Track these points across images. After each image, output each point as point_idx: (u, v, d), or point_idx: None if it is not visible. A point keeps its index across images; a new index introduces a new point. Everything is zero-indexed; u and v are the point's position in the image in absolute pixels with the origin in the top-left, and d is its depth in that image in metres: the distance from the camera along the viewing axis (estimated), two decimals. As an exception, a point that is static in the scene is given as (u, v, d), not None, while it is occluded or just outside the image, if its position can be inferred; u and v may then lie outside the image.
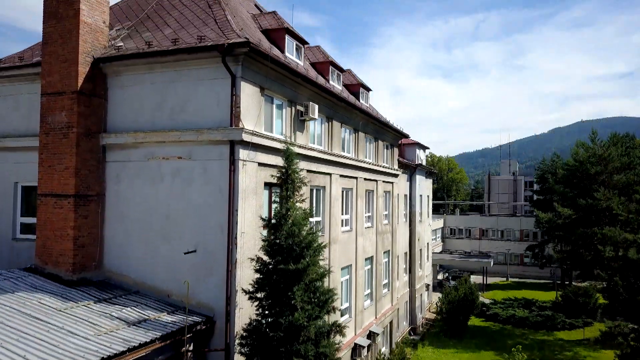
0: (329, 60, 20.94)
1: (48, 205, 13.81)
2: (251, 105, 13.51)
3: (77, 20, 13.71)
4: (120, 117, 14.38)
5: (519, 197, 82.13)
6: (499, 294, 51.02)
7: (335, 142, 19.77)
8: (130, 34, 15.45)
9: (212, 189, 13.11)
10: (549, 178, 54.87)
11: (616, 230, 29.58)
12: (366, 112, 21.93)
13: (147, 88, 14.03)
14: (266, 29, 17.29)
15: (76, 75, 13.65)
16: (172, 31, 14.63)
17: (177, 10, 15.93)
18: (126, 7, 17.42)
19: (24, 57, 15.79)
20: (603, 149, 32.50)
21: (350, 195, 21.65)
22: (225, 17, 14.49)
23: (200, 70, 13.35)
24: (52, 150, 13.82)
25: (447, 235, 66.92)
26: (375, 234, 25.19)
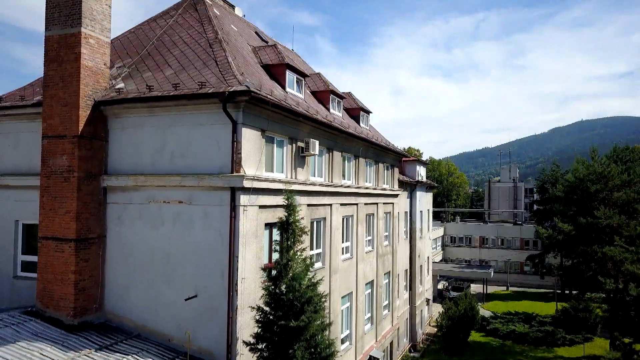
0: (329, 90, 20.96)
1: (49, 249, 13.83)
2: (252, 150, 13.53)
3: (78, 64, 13.73)
4: (121, 158, 14.40)
5: (519, 203, 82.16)
6: (499, 305, 51.06)
7: (336, 172, 19.79)
8: (131, 72, 15.46)
9: (212, 235, 13.13)
10: (549, 188, 54.95)
11: (616, 249, 29.60)
12: (367, 139, 21.93)
13: (147, 131, 14.05)
14: (267, 64, 17.31)
15: (77, 120, 13.67)
16: (173, 72, 14.65)
17: (177, 48, 15.94)
18: (127, 42, 17.42)
19: (25, 96, 15.80)
20: (603, 166, 32.49)
21: (350, 222, 21.67)
22: (225, 58, 14.50)
23: (201, 115, 13.37)
24: (53, 194, 13.84)
25: (447, 244, 66.93)
26: (376, 257, 25.21)
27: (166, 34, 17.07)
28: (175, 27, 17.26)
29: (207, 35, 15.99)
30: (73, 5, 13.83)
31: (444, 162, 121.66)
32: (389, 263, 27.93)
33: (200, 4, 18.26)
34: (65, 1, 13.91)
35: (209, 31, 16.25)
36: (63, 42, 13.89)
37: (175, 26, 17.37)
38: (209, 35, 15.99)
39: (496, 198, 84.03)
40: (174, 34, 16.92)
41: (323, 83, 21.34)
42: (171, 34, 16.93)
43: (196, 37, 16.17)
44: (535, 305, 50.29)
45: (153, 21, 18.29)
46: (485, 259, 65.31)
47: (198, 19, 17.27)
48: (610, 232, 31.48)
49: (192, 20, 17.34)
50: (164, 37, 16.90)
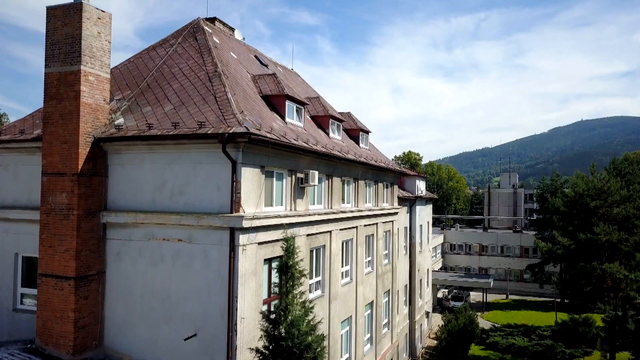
0: (328, 115, 20.98)
1: (49, 286, 13.85)
2: (252, 188, 13.55)
3: (78, 102, 13.74)
4: (120, 194, 14.41)
5: (519, 209, 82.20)
6: (499, 315, 51.13)
7: (336, 197, 19.80)
8: (130, 106, 15.48)
9: (212, 274, 13.15)
10: (548, 197, 54.99)
11: (615, 266, 29.65)
12: (366, 162, 21.95)
13: (147, 167, 14.07)
14: (267, 95, 17.33)
15: (77, 158, 13.69)
16: (172, 108, 14.66)
17: (177, 81, 15.95)
18: (126, 72, 17.43)
19: (25, 129, 15.81)
20: (602, 182, 32.52)
21: (350, 245, 21.69)
22: (225, 94, 14.51)
23: (201, 154, 13.39)
24: (53, 231, 13.86)
25: (446, 251, 66.96)
26: (376, 277, 25.24)
27: (166, 64, 17.09)
28: (175, 58, 17.28)
29: (207, 68, 16.01)
30: (72, 43, 13.85)
31: (444, 166, 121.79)
32: (389, 281, 27.96)
33: (200, 32, 18.28)
34: (65, 39, 13.92)
35: (208, 63, 16.26)
36: (62, 80, 13.91)
37: (174, 56, 17.38)
38: (209, 68, 16.00)
39: (496, 204, 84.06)
40: (174, 64, 16.94)
41: (322, 108, 21.36)
42: (171, 65, 16.95)
43: (196, 70, 16.18)
44: (535, 315, 50.37)
45: (153, 50, 18.30)
46: (485, 267, 65.36)
47: (197, 49, 17.28)
48: (609, 248, 31.51)
49: (192, 51, 17.35)
50: (163, 68, 16.91)
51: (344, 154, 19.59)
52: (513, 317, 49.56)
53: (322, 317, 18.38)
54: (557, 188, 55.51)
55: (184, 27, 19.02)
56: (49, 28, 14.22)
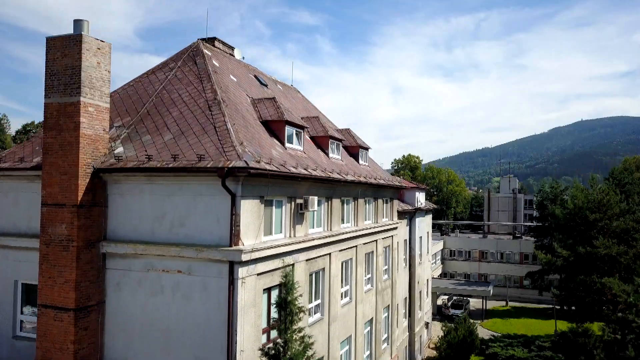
0: (328, 135, 21.01)
1: (48, 317, 13.87)
2: (251, 220, 13.57)
3: (78, 133, 13.76)
4: (120, 225, 14.43)
5: (519, 215, 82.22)
6: (498, 323, 51.16)
7: (335, 219, 19.82)
8: (130, 134, 15.49)
9: (211, 306, 13.17)
10: (548, 205, 55.02)
11: (615, 280, 29.68)
12: (366, 182, 21.97)
13: (147, 198, 14.08)
14: (266, 120, 17.35)
15: (76, 189, 13.70)
16: (172, 137, 14.68)
17: (176, 108, 15.97)
18: (126, 97, 17.45)
19: (25, 157, 15.83)
20: (602, 194, 32.55)
21: (349, 265, 21.72)
22: (224, 124, 14.53)
23: (201, 186, 13.41)
24: (52, 262, 13.87)
25: (446, 257, 67.01)
26: (375, 294, 25.26)
27: (165, 90, 17.11)
28: (175, 83, 17.29)
29: (207, 95, 16.03)
30: (72, 74, 13.86)
31: (444, 169, 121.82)
32: (388, 297, 27.98)
33: (200, 56, 18.30)
34: (64, 70, 13.94)
35: (208, 90, 16.28)
36: (62, 111, 13.93)
37: (174, 81, 17.40)
38: (208, 95, 16.02)
39: (496, 209, 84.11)
40: (173, 90, 16.95)
41: (322, 128, 21.38)
42: (170, 91, 16.96)
43: (195, 96, 16.19)
44: (535, 324, 50.38)
45: (152, 74, 18.31)
46: (485, 273, 65.41)
47: (197, 75, 17.30)
48: (609, 261, 31.55)
49: (191, 76, 17.37)
50: (163, 94, 16.92)
51: (344, 176, 19.60)
52: (513, 326, 49.61)
53: (322, 340, 18.45)
54: (556, 195, 55.53)
55: (183, 50, 19.04)
56: (48, 58, 14.24)
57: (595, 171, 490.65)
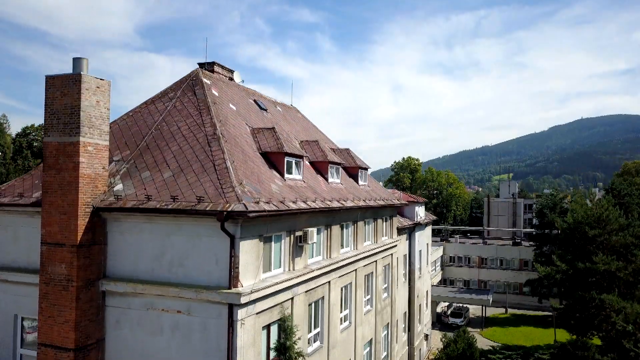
0: (327, 161, 21.04)
1: (48, 356, 13.90)
2: (250, 260, 13.60)
3: (77, 173, 13.78)
4: (120, 262, 14.45)
5: (518, 219, 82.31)
6: (498, 331, 51.22)
7: (334, 245, 19.85)
8: (129, 169, 15.50)
9: (211, 346, 13.20)
10: (547, 213, 55.08)
11: (614, 297, 29.73)
12: (366, 206, 22.00)
13: (146, 237, 14.10)
14: (265, 152, 17.37)
15: (76, 229, 13.73)
16: (171, 175, 14.69)
17: (176, 143, 15.97)
18: (125, 128, 17.46)
19: (24, 191, 15.84)
20: (601, 209, 32.58)
21: (349, 289, 21.75)
22: (224, 161, 14.54)
23: (199, 227, 13.43)
24: (52, 301, 13.90)
25: (446, 263, 67.06)
26: (375, 314, 25.31)
27: (164, 121, 17.11)
28: (174, 114, 17.30)
29: (206, 129, 16.04)
30: (71, 114, 13.87)
31: (444, 172, 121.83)
32: (388, 315, 28.03)
33: (199, 86, 18.30)
34: (64, 109, 13.95)
35: (207, 123, 16.29)
36: (62, 150, 13.94)
37: (173, 112, 17.40)
38: (208, 129, 16.03)
39: (495, 214, 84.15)
40: (172, 122, 16.96)
41: (321, 153, 21.39)
42: (169, 123, 16.97)
43: (194, 130, 16.20)
44: (534, 332, 50.49)
45: (152, 104, 18.31)
46: (485, 279, 65.48)
47: (196, 106, 17.30)
48: (608, 277, 31.59)
49: (191, 107, 17.38)
50: (162, 126, 16.93)
51: (343, 203, 19.63)
52: (512, 335, 49.71)
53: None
54: (555, 203, 55.60)
55: (183, 79, 19.03)
56: (47, 97, 14.25)
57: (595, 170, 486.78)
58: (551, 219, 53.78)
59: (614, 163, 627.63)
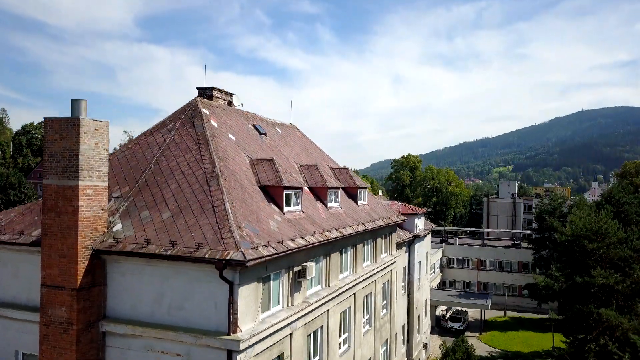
0: (326, 187, 21.07)
1: (49, 397, 14.03)
2: (249, 303, 13.68)
3: (76, 217, 13.82)
4: (120, 304, 14.53)
5: (518, 220, 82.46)
6: (497, 336, 51.52)
7: (333, 273, 19.93)
8: (128, 208, 15.54)
9: (210, 391, 13.32)
10: (546, 217, 55.20)
11: (612, 312, 29.89)
12: (365, 230, 22.06)
13: (146, 279, 14.17)
14: (264, 186, 17.40)
15: (75, 273, 13.80)
16: (170, 216, 14.73)
17: (175, 179, 16.00)
18: (125, 162, 17.48)
19: (24, 228, 15.87)
20: (600, 222, 32.64)
21: (348, 314, 21.87)
22: (222, 203, 14.57)
23: (198, 273, 13.49)
24: (53, 344, 14.01)
25: (445, 265, 67.29)
26: (374, 333, 25.46)
27: (163, 156, 17.13)
28: (173, 148, 17.31)
29: (205, 166, 16.06)
30: (70, 157, 13.89)
31: (443, 170, 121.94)
32: (387, 331, 28.19)
33: (198, 117, 18.30)
34: (63, 152, 13.97)
35: (206, 160, 16.31)
36: (61, 193, 13.98)
37: (172, 146, 17.41)
38: (206, 166, 16.06)
39: (495, 214, 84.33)
40: (171, 156, 16.98)
41: (320, 178, 21.42)
42: (168, 157, 16.99)
43: (193, 167, 16.22)
44: (533, 337, 50.77)
45: (151, 135, 18.32)
46: (484, 281, 65.76)
47: (195, 140, 17.31)
48: (606, 291, 31.74)
49: (190, 141, 17.38)
50: (161, 161, 16.95)
51: (342, 231, 19.69)
52: (511, 340, 50.03)
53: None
54: (555, 208, 55.70)
55: (182, 109, 19.03)
56: (46, 139, 14.27)
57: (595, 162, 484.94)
58: (550, 223, 53.94)
59: (615, 155, 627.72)
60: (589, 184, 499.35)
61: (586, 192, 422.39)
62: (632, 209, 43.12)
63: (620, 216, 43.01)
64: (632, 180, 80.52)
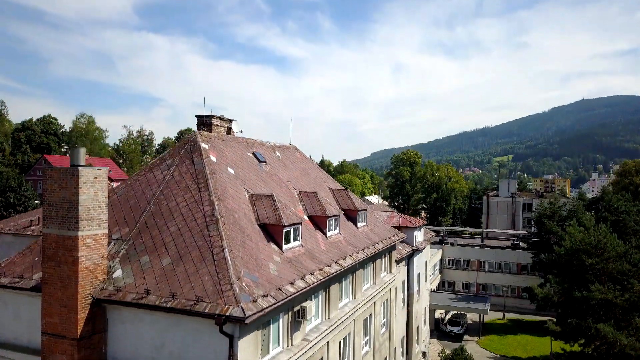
0: (325, 216, 21.08)
1: None
2: (250, 354, 13.74)
3: (76, 268, 13.87)
4: (121, 350, 14.59)
5: (517, 219, 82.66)
6: (495, 340, 51.87)
7: (333, 304, 19.99)
8: (128, 251, 15.56)
9: None
10: (545, 222, 55.31)
11: (609, 328, 30.10)
12: (365, 258, 22.12)
13: (146, 328, 14.23)
14: (264, 224, 17.42)
15: (76, 322, 13.87)
16: (170, 263, 14.75)
17: (174, 222, 16.00)
18: (124, 199, 17.48)
19: (24, 271, 15.93)
20: (599, 237, 32.72)
21: (347, 340, 21.99)
22: (222, 250, 14.58)
23: (198, 324, 13.55)
24: (54, 392, 14.12)
25: (445, 266, 67.55)
26: (373, 354, 25.62)
27: (163, 194, 17.12)
28: (172, 186, 17.30)
29: (204, 209, 16.06)
30: (70, 207, 13.90)
31: (443, 166, 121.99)
32: (386, 349, 28.38)
33: (197, 153, 18.26)
34: (62, 202, 13.97)
35: (205, 201, 16.31)
36: (61, 243, 14.01)
37: (172, 184, 17.40)
38: (206, 208, 16.06)
39: (494, 212, 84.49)
40: (171, 196, 16.98)
41: (320, 207, 21.43)
42: (168, 196, 16.99)
43: (193, 209, 16.22)
44: (531, 342, 51.11)
45: (150, 171, 18.30)
46: (483, 283, 66.07)
47: (194, 178, 17.30)
48: (604, 305, 31.91)
49: (189, 179, 17.37)
50: (160, 200, 16.94)
51: (342, 263, 19.74)
52: (509, 345, 50.38)
53: None
54: (554, 212, 55.79)
55: (181, 143, 19.01)
56: (45, 188, 14.26)
57: (595, 152, 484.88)
58: (549, 227, 54.09)
59: (615, 145, 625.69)
60: (589, 174, 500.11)
61: (586, 182, 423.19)
62: (631, 217, 43.21)
63: (618, 225, 43.14)
64: (631, 180, 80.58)
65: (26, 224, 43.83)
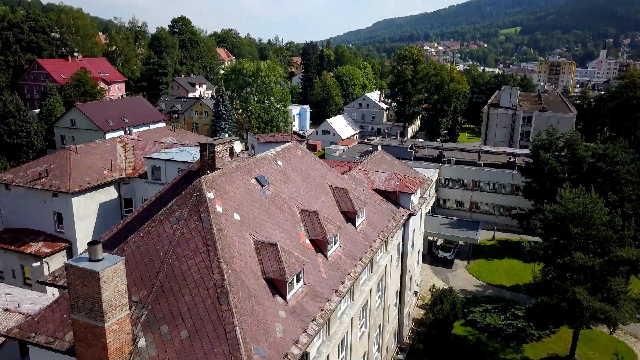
0: (325, 240, 22.44)
1: None
2: (260, 418, 16.15)
3: (106, 351, 15.66)
4: (149, 406, 16.99)
5: (516, 132, 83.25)
6: (483, 266, 55.95)
7: (332, 321, 22.22)
8: (148, 318, 17.25)
9: None
10: (541, 153, 56.45)
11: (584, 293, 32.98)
12: (364, 265, 23.90)
13: (171, 392, 16.45)
14: (269, 278, 18.91)
15: (110, 394, 16.03)
16: (188, 336, 16.51)
17: (188, 289, 17.47)
18: (138, 255, 18.73)
19: (56, 331, 17.71)
20: (588, 206, 34.30)
21: (346, 340, 24.62)
22: (233, 328, 16.28)
23: (217, 399, 15.73)
24: None
25: (441, 185, 69.91)
26: (369, 333, 28.56)
27: (175, 254, 18.37)
28: (183, 246, 18.47)
29: (214, 278, 17.44)
30: (94, 303, 15.28)
31: (445, 66, 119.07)
32: (380, 317, 31.39)
33: (204, 207, 19.12)
34: (86, 297, 15.33)
35: (215, 268, 17.61)
36: (90, 330, 15.64)
37: (182, 242, 18.55)
38: (216, 277, 17.43)
39: (494, 125, 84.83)
40: (182, 256, 18.23)
41: (320, 229, 22.68)
42: (179, 257, 18.24)
43: (204, 276, 17.58)
44: (516, 267, 55.08)
45: (160, 224, 19.29)
46: (476, 201, 68.96)
47: (203, 238, 18.40)
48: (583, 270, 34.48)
49: (198, 238, 18.48)
50: (173, 261, 18.21)
51: (342, 291, 21.58)
52: (496, 271, 54.57)
53: None
54: (551, 143, 56.62)
55: (188, 193, 19.74)
56: (69, 281, 15.51)
57: (607, 24, 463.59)
58: (544, 158, 55.38)
59: (629, 16, 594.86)
60: (598, 49, 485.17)
61: (594, 59, 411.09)
62: (624, 168, 44.25)
63: (611, 175, 44.40)
64: (635, 93, 79.84)
65: (35, 176, 45.29)
